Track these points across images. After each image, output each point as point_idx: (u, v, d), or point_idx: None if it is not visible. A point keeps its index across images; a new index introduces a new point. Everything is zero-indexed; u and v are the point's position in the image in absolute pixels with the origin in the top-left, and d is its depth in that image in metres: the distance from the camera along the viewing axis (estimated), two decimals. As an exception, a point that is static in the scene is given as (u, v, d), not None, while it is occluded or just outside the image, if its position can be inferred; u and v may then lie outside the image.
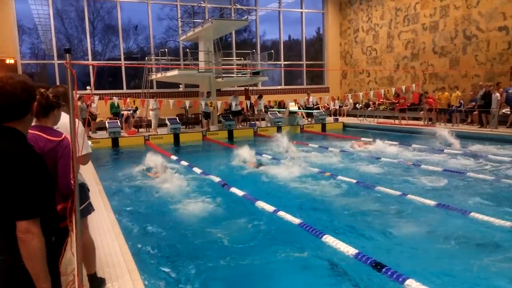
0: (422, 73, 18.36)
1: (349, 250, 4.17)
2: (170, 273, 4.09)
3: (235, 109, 16.73)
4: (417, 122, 16.07)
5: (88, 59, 18.28)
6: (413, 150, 10.77)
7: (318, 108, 19.27)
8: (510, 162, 8.73)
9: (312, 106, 18.73)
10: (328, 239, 4.47)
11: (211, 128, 16.31)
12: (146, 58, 18.44)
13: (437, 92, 16.74)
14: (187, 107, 16.52)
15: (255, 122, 17.80)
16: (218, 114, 17.11)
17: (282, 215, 5.41)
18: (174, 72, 15.56)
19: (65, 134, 2.56)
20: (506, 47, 14.91)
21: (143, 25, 19.66)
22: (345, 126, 17.44)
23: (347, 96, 20.43)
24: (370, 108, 19.47)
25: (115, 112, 16.11)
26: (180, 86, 19.61)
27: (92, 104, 14.78)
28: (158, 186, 7.38)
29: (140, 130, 16.19)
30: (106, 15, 19.39)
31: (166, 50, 16.66)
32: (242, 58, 18.92)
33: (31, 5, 17.77)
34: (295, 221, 5.16)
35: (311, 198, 6.59)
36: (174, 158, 10.50)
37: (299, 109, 17.90)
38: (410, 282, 3.44)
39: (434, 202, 5.83)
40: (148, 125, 16.50)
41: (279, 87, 22.33)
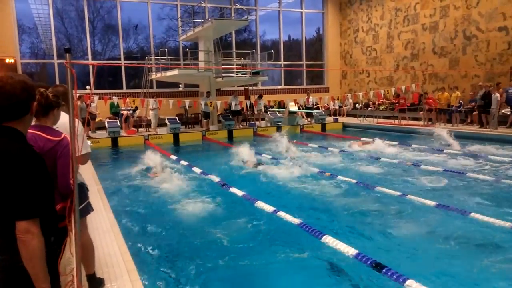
0: (422, 73, 18.37)
1: (349, 251, 4.16)
2: (169, 273, 4.08)
3: (235, 109, 16.72)
4: (417, 122, 16.07)
5: (88, 59, 18.26)
6: (413, 150, 10.77)
7: (318, 108, 19.27)
8: (510, 163, 8.72)
9: (312, 106, 18.73)
10: (328, 240, 4.47)
11: (211, 128, 16.31)
12: (146, 57, 18.43)
13: (437, 92, 16.73)
14: (187, 107, 16.51)
15: (255, 122, 17.79)
16: (217, 114, 17.11)
17: (282, 215, 5.41)
18: (174, 72, 15.55)
19: (64, 133, 2.56)
20: (506, 48, 14.91)
21: (143, 24, 19.65)
22: (345, 126, 17.43)
23: (347, 96, 20.43)
24: (370, 108, 19.47)
25: (115, 111, 16.09)
26: (180, 86, 19.60)
27: (91, 103, 14.77)
28: (158, 186, 7.38)
29: (139, 129, 16.18)
30: (106, 15, 19.40)
31: (166, 49, 16.63)
32: (242, 58, 18.91)
33: (31, 4, 17.76)
34: (295, 221, 5.15)
35: (311, 198, 6.58)
36: (173, 157, 10.49)
37: (299, 109, 17.89)
38: (410, 283, 3.43)
39: (434, 203, 5.82)
40: (147, 124, 16.49)
41: (279, 87, 22.32)
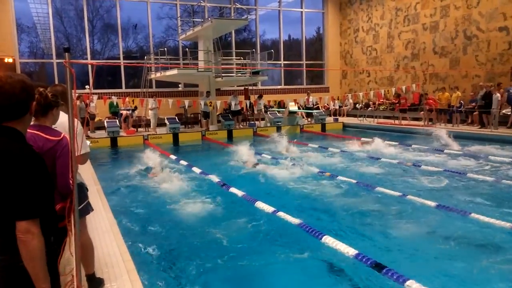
0: (422, 73, 18.35)
1: (349, 251, 4.15)
2: (169, 273, 4.08)
3: (235, 108, 16.70)
4: (417, 123, 16.06)
5: (87, 58, 18.24)
6: (413, 151, 10.75)
7: (318, 108, 19.25)
8: (510, 163, 8.71)
9: (312, 106, 18.72)
10: (328, 240, 4.46)
11: (211, 127, 16.29)
12: (146, 57, 18.39)
13: (437, 92, 16.73)
14: (187, 107, 16.49)
15: (255, 122, 17.77)
16: (217, 113, 17.09)
17: (282, 216, 5.39)
18: (174, 71, 15.53)
19: (64, 133, 2.55)
20: (506, 48, 14.90)
21: (143, 24, 19.63)
22: (345, 126, 17.42)
23: (347, 96, 20.42)
24: (370, 108, 19.45)
25: (114, 111, 16.07)
26: (179, 85, 19.58)
27: (90, 103, 14.75)
28: (157, 186, 7.37)
29: (139, 129, 16.16)
30: (105, 14, 19.38)
31: (166, 49, 16.62)
32: (242, 58, 18.88)
33: (30, 3, 17.74)
34: (295, 221, 5.14)
35: (311, 198, 6.57)
36: (173, 157, 10.48)
37: (299, 109, 17.88)
38: (410, 283, 3.42)
39: (434, 203, 5.81)
40: (147, 124, 16.47)
41: (279, 87, 22.31)
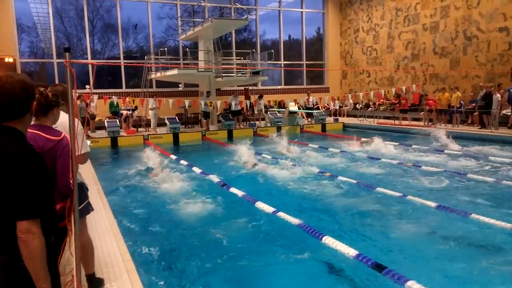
0: (422, 73, 18.34)
1: (349, 251, 4.14)
2: (169, 273, 4.07)
3: (235, 108, 16.68)
4: (417, 123, 16.05)
5: (87, 58, 18.23)
6: (413, 151, 10.74)
7: (318, 108, 19.24)
8: (511, 164, 8.70)
9: (312, 106, 18.70)
10: (328, 240, 4.44)
11: (211, 127, 16.28)
12: (146, 57, 18.38)
13: (437, 92, 16.73)
14: (187, 107, 16.49)
15: (255, 122, 17.76)
16: (217, 113, 17.09)
17: (282, 216, 5.38)
18: (174, 71, 15.53)
19: (64, 133, 2.55)
20: (506, 48, 14.89)
21: (143, 24, 19.63)
22: (345, 126, 17.41)
23: (347, 96, 20.41)
24: (370, 108, 19.45)
25: (114, 111, 16.06)
26: (179, 85, 19.58)
27: (91, 103, 14.74)
28: (157, 186, 7.36)
29: (139, 129, 16.15)
30: (105, 14, 19.37)
31: (166, 49, 16.62)
32: (242, 58, 18.88)
33: (30, 3, 17.73)
34: (295, 221, 5.13)
35: (311, 198, 6.57)
36: (173, 157, 10.47)
37: (299, 109, 17.86)
38: (411, 284, 3.41)
39: (434, 203, 5.80)
40: (147, 124, 16.46)
41: (279, 87, 22.30)
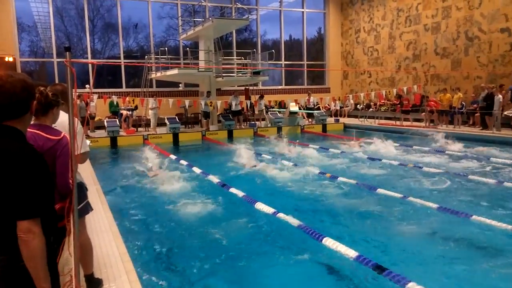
0: (423, 74, 18.31)
1: (349, 253, 4.11)
2: (168, 274, 4.06)
3: (235, 109, 16.66)
4: (418, 124, 16.03)
5: (87, 58, 18.23)
6: (414, 152, 10.71)
7: (318, 108, 19.22)
8: (512, 165, 8.69)
9: (312, 106, 18.66)
10: (328, 242, 4.42)
11: (211, 128, 16.26)
12: (146, 56, 18.37)
13: (438, 93, 16.71)
14: (187, 107, 16.48)
15: (255, 122, 17.74)
16: (218, 113, 17.07)
17: (282, 217, 5.36)
18: (174, 71, 15.51)
19: (64, 132, 2.54)
20: (508, 49, 14.87)
21: (143, 23, 19.61)
22: (346, 127, 17.38)
23: (348, 96, 20.39)
24: (371, 109, 19.41)
25: (114, 111, 16.04)
26: (179, 85, 19.56)
27: (91, 102, 14.72)
28: (157, 186, 7.34)
29: (139, 129, 16.13)
30: (106, 13, 19.36)
31: (166, 49, 16.61)
32: (243, 58, 18.86)
33: (31, 2, 17.72)
34: (295, 223, 5.10)
35: (311, 199, 6.55)
36: (173, 157, 10.45)
37: (300, 109, 17.84)
38: (411, 286, 3.39)
39: (435, 205, 5.77)
40: (147, 124, 16.44)
41: (280, 87, 22.29)
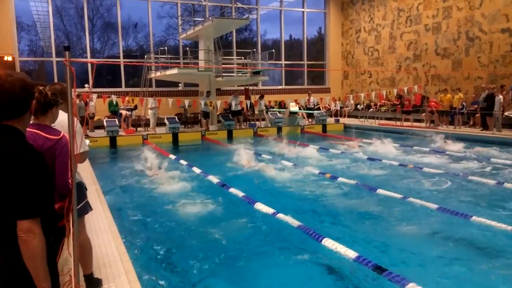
0: (424, 74, 18.30)
1: (349, 253, 4.10)
2: (168, 274, 4.05)
3: (235, 108, 16.64)
4: (418, 124, 16.02)
5: (86, 57, 18.21)
6: (414, 152, 10.69)
7: (319, 108, 19.20)
8: (512, 165, 8.67)
9: (313, 106, 18.64)
10: (328, 242, 4.41)
11: (211, 128, 16.25)
12: (146, 56, 18.33)
13: (439, 94, 16.69)
14: (186, 106, 16.45)
15: (255, 122, 17.72)
16: (217, 113, 17.05)
17: (282, 217, 5.34)
18: (174, 70, 15.49)
19: (63, 132, 2.53)
20: (509, 49, 14.86)
21: (143, 23, 19.60)
22: (346, 127, 17.36)
23: (349, 97, 20.37)
24: (371, 109, 19.40)
25: (114, 110, 16.02)
26: (179, 85, 19.55)
27: (90, 102, 14.69)
28: (156, 186, 7.34)
29: (138, 129, 16.10)
30: (105, 13, 19.34)
31: (166, 48, 16.58)
32: (243, 57, 18.85)
33: (30, 1, 17.69)
34: (295, 223, 5.10)
35: (311, 200, 6.54)
36: (172, 157, 10.44)
37: (300, 109, 17.82)
38: (411, 286, 3.38)
39: (435, 205, 5.76)
40: (146, 124, 16.42)
41: (280, 87, 22.27)
